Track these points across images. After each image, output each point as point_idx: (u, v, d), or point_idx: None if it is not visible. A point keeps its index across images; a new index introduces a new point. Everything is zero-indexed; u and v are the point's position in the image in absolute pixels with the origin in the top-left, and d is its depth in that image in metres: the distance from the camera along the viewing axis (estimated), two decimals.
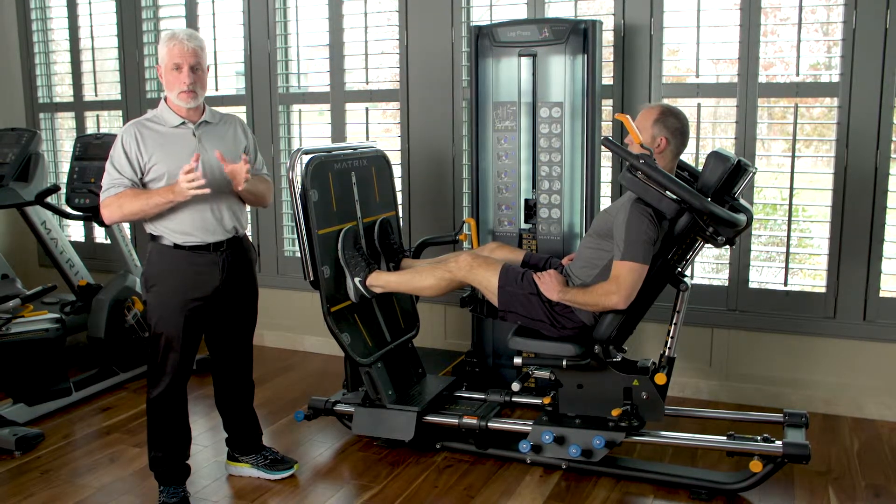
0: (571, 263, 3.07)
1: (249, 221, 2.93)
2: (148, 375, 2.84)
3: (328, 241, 3.18)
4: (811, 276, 3.72)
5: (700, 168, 2.97)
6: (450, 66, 4.10)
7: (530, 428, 3.05)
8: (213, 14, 4.65)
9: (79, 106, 5.20)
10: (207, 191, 2.60)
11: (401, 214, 3.83)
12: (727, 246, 2.89)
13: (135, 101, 4.96)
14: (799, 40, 3.52)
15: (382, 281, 3.19)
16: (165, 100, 2.76)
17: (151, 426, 2.84)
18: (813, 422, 3.42)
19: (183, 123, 2.74)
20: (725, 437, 2.95)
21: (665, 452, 3.21)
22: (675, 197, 2.71)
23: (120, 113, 5.07)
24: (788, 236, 3.65)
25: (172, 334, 2.75)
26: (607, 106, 3.77)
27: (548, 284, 2.88)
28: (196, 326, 2.81)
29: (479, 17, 4.07)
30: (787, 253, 3.67)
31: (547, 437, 2.98)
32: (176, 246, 2.73)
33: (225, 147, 2.78)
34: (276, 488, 3.01)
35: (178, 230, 2.72)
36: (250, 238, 4.68)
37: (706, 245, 2.91)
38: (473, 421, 3.17)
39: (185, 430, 2.90)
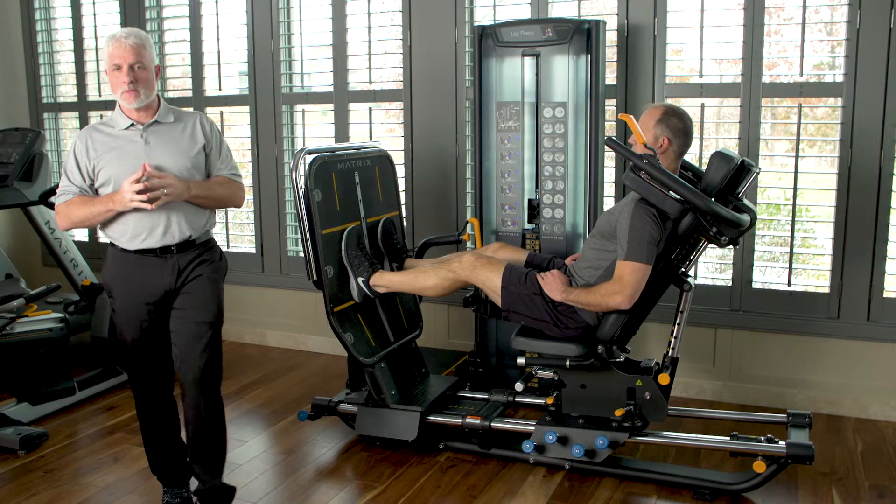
0: (575, 264, 3.06)
1: (215, 225, 2.73)
2: (130, 386, 2.79)
3: (331, 241, 3.18)
4: (815, 276, 3.71)
5: (704, 168, 2.97)
6: (453, 66, 4.10)
7: (534, 428, 3.05)
8: (217, 14, 4.65)
9: (82, 106, 5.21)
10: (150, 206, 2.47)
11: (404, 214, 3.83)
12: (731, 246, 2.88)
13: None
14: (803, 40, 3.52)
15: (385, 281, 3.20)
16: (118, 103, 2.64)
17: (144, 437, 2.81)
18: (816, 422, 3.42)
19: (132, 125, 2.61)
20: (729, 438, 2.94)
21: (668, 453, 3.21)
22: (678, 197, 2.70)
23: None
24: (792, 236, 3.64)
25: (134, 341, 2.66)
26: (611, 106, 3.77)
27: (551, 285, 2.88)
28: (157, 332, 2.68)
29: (483, 16, 4.07)
30: (791, 253, 3.66)
31: (550, 438, 2.98)
32: (124, 251, 2.62)
33: (176, 147, 2.63)
34: (278, 488, 3.02)
35: (125, 234, 2.60)
36: (253, 240, 4.75)
37: (710, 245, 2.91)
38: (477, 421, 3.17)
39: (175, 441, 2.82)
